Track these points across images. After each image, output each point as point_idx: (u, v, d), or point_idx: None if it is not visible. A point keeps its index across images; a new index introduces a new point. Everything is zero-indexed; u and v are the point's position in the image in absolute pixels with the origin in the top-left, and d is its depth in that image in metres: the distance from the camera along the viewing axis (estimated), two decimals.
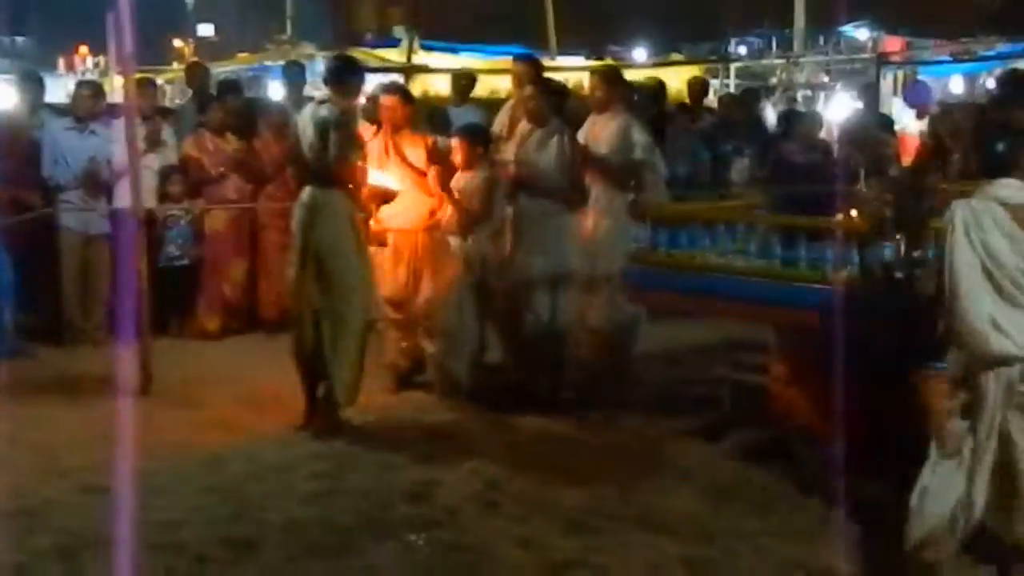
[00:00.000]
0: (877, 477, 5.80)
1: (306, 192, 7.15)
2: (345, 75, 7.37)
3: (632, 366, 8.16)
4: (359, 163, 7.20)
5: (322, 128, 7.02)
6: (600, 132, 8.05)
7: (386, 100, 8.09)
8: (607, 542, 5.46)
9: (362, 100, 8.15)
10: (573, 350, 7.91)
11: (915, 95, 15.31)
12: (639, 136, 8.11)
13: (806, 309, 5.80)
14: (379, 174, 7.69)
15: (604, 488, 6.03)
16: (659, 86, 12.00)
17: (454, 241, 7.75)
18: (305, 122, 7.16)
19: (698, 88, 12.95)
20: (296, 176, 7.61)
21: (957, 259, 4.75)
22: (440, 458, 6.56)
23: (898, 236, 5.60)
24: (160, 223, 9.48)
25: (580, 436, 6.99)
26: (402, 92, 8.45)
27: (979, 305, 4.70)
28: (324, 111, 7.08)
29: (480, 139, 7.92)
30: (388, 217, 7.76)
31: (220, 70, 19.31)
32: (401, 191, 7.73)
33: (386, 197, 7.68)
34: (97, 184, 9.34)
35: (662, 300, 7.18)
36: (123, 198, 8.74)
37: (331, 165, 7.01)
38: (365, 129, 7.87)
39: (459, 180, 7.78)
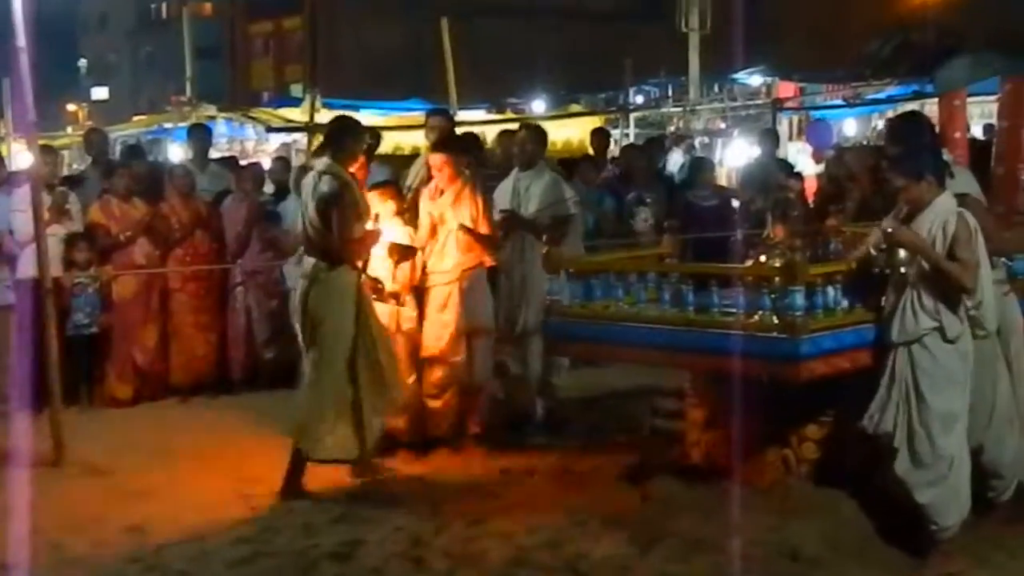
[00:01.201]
0: (798, 516, 5.91)
1: (309, 263, 6.97)
2: (346, 139, 7.10)
3: (554, 415, 8.24)
4: (368, 228, 7.03)
5: (323, 206, 6.81)
6: (529, 187, 8.19)
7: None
8: None
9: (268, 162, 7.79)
10: (494, 400, 7.97)
11: (816, 135, 15.68)
12: (569, 191, 8.34)
13: (720, 355, 5.90)
14: (392, 232, 7.57)
15: (530, 538, 6.01)
16: None
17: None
18: (306, 195, 6.94)
19: (601, 139, 13.16)
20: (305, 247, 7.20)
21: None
22: (363, 517, 6.51)
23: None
24: (67, 291, 9.33)
25: (503, 487, 6.99)
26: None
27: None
28: (324, 186, 6.83)
29: (397, 192, 7.94)
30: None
31: (118, 134, 19.15)
32: None
33: (405, 255, 7.58)
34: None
35: (579, 351, 7.31)
36: (27, 268, 8.63)
37: (334, 244, 6.83)
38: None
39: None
